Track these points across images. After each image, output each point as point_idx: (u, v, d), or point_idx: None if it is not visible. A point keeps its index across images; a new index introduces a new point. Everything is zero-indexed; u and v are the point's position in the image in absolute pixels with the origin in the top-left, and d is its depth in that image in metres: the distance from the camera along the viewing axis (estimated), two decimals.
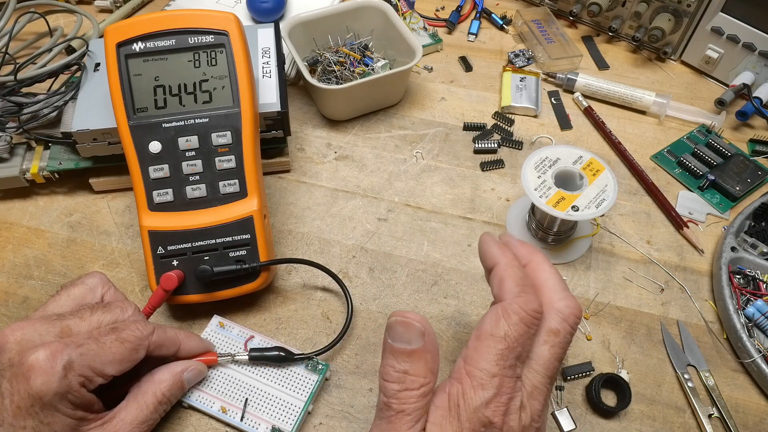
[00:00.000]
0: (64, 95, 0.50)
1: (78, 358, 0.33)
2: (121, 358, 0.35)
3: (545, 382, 0.32)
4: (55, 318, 0.36)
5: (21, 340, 0.34)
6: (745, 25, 0.61)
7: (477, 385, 0.31)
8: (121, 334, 0.36)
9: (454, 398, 0.31)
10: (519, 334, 0.31)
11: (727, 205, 0.55)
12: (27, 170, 0.51)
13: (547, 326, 0.33)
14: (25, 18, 0.60)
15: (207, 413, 0.41)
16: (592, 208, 0.46)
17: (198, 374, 0.40)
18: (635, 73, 0.68)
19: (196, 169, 0.44)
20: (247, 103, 0.44)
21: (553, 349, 0.32)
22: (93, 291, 0.40)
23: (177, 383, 0.39)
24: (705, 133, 0.61)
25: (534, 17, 0.71)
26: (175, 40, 0.43)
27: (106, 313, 0.37)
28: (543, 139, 0.61)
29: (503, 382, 0.31)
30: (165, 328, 0.39)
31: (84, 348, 0.34)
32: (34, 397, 0.32)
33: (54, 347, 0.33)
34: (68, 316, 0.36)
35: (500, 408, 0.30)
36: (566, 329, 0.33)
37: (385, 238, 0.52)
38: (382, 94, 0.60)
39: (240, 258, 0.44)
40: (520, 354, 0.31)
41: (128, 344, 0.36)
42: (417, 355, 0.32)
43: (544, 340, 0.32)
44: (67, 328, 0.35)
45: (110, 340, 0.35)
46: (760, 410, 0.44)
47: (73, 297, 0.39)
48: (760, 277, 0.49)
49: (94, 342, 0.35)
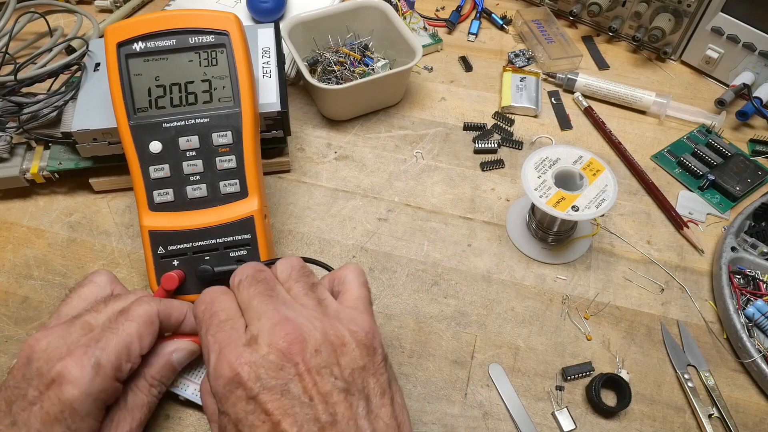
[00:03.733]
0: (64, 95, 0.50)
1: (102, 354, 0.34)
2: (139, 335, 0.36)
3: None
4: (73, 318, 0.36)
5: (47, 348, 0.34)
6: (745, 25, 0.61)
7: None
8: (130, 313, 0.36)
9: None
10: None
11: (727, 205, 0.55)
12: (27, 170, 0.51)
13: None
14: (25, 18, 0.60)
15: None
16: (592, 208, 0.46)
17: (189, 354, 0.40)
18: (635, 73, 0.68)
19: (197, 169, 0.44)
20: (247, 103, 0.44)
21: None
22: (103, 288, 0.40)
23: (167, 365, 0.39)
24: (705, 133, 0.61)
25: (534, 17, 0.71)
26: (176, 40, 0.43)
27: (119, 301, 0.38)
28: (543, 139, 0.61)
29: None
30: (170, 300, 0.39)
31: (103, 341, 0.34)
32: (65, 404, 0.32)
33: (79, 352, 0.33)
34: (84, 313, 0.37)
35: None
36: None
37: (385, 238, 0.52)
38: (382, 94, 0.60)
39: (240, 258, 0.44)
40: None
41: (140, 319, 0.36)
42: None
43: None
44: (86, 323, 0.36)
45: (122, 322, 0.36)
46: (760, 410, 0.44)
47: (84, 297, 0.39)
48: (760, 277, 0.49)
49: (109, 332, 0.35)
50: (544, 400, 0.43)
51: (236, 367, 0.31)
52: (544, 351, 0.46)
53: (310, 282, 0.37)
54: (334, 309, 0.36)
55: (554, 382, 0.44)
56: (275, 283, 0.36)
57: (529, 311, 0.48)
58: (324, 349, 0.32)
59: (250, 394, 0.31)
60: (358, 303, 0.37)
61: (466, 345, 0.46)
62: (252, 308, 0.34)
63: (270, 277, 0.37)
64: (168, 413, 0.41)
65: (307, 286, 0.37)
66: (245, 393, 0.31)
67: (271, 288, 0.35)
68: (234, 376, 0.31)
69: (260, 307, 0.34)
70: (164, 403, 0.41)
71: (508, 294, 0.49)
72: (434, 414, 0.42)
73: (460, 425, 0.42)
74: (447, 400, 0.43)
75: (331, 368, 0.32)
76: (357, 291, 0.37)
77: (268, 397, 0.31)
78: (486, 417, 0.42)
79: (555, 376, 0.45)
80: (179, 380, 0.41)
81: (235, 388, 0.31)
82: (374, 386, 0.33)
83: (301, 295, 0.36)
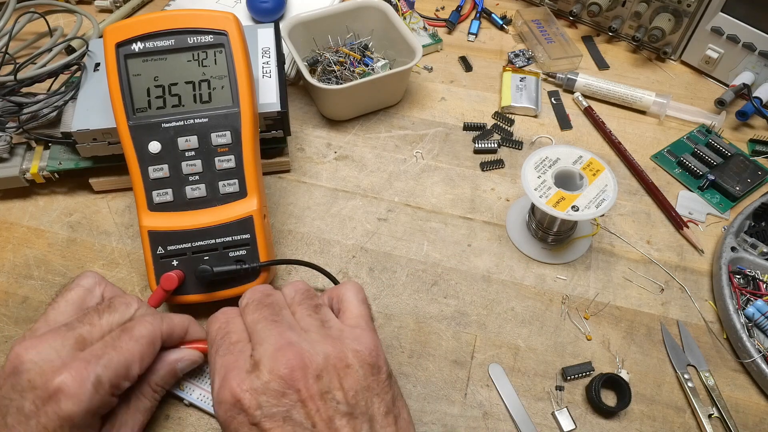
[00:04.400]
0: (64, 95, 0.50)
1: (103, 371, 0.33)
2: (141, 356, 0.35)
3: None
4: (64, 329, 0.35)
5: (38, 360, 0.33)
6: (745, 25, 0.61)
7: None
8: (134, 332, 0.36)
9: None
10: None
11: (727, 205, 0.55)
12: (27, 170, 0.51)
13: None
14: (25, 18, 0.60)
15: (208, 412, 0.41)
16: (592, 208, 0.46)
17: (192, 363, 0.40)
18: (635, 73, 0.68)
19: (196, 169, 0.44)
20: (246, 103, 0.44)
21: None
22: (91, 292, 0.39)
23: (170, 372, 0.39)
24: (705, 133, 0.61)
25: (534, 17, 0.71)
26: (175, 40, 0.43)
27: (114, 313, 0.37)
28: (543, 139, 0.61)
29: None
30: (170, 316, 0.39)
31: (105, 359, 0.34)
32: (64, 419, 0.32)
33: (79, 367, 0.33)
34: (77, 324, 0.35)
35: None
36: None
37: (385, 238, 0.52)
38: (382, 94, 0.60)
39: (240, 258, 0.44)
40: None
41: (144, 340, 0.36)
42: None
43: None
44: (80, 338, 0.35)
45: (125, 341, 0.35)
46: (760, 410, 0.44)
47: (72, 301, 0.38)
48: (760, 277, 0.49)
49: (111, 349, 0.34)
50: (544, 400, 0.43)
51: (238, 394, 0.32)
52: (544, 351, 0.46)
53: (313, 304, 0.37)
54: (337, 329, 0.36)
55: (554, 382, 0.44)
56: (281, 307, 0.37)
57: (529, 311, 0.48)
58: (326, 374, 0.33)
59: (252, 420, 0.31)
60: (360, 321, 0.37)
61: (466, 345, 0.46)
62: (257, 332, 0.35)
63: (276, 301, 0.37)
64: (168, 413, 0.41)
65: (310, 308, 0.37)
66: (247, 419, 0.31)
67: (276, 312, 0.36)
68: (236, 402, 0.32)
69: (264, 331, 0.34)
70: (164, 403, 0.41)
71: (508, 294, 0.49)
72: (434, 414, 0.42)
73: (460, 425, 0.42)
74: (447, 400, 0.43)
75: (334, 392, 0.32)
76: (357, 309, 0.38)
77: (271, 424, 0.31)
78: (486, 417, 0.42)
79: (555, 376, 0.45)
80: (185, 384, 0.41)
81: (236, 414, 0.32)
82: (378, 406, 0.33)
83: (305, 316, 0.36)
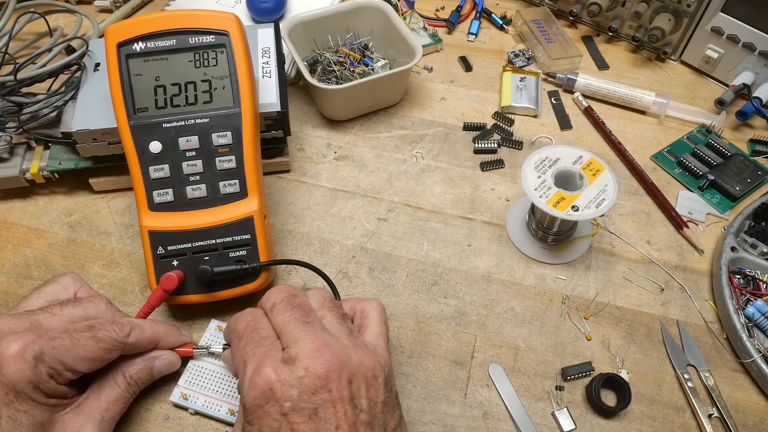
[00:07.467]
0: (64, 95, 0.50)
1: (50, 350, 0.34)
2: (93, 357, 0.35)
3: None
4: (24, 313, 0.36)
5: None
6: (745, 25, 0.61)
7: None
8: (97, 333, 0.36)
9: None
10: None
11: (727, 205, 0.55)
12: (27, 170, 0.51)
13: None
14: (25, 18, 0.60)
15: (215, 417, 0.41)
16: (592, 208, 0.46)
17: (170, 365, 0.40)
18: (635, 73, 0.68)
19: (197, 169, 0.44)
20: (247, 103, 0.44)
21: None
22: (65, 288, 0.40)
23: (147, 369, 0.39)
24: (705, 133, 0.61)
25: (534, 17, 0.71)
26: (176, 40, 0.43)
27: (77, 308, 0.38)
28: (543, 139, 0.61)
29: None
30: (143, 328, 0.39)
31: (57, 342, 0.34)
32: (8, 386, 0.32)
33: (26, 337, 0.33)
34: (38, 311, 0.37)
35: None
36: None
37: (385, 238, 0.52)
38: (382, 94, 0.60)
39: (240, 258, 0.44)
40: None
41: (103, 344, 0.36)
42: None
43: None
44: (36, 322, 0.36)
45: (85, 337, 0.35)
46: (760, 410, 0.44)
47: (45, 295, 0.39)
48: (760, 277, 0.49)
49: (68, 338, 0.35)
50: (544, 400, 0.43)
51: (273, 382, 0.32)
52: (544, 351, 0.46)
53: (341, 313, 0.38)
54: (362, 341, 0.36)
55: (554, 382, 0.44)
56: (310, 309, 0.37)
57: (529, 311, 0.48)
58: (356, 380, 0.33)
59: (281, 410, 0.31)
60: (380, 340, 0.37)
61: (466, 345, 0.46)
62: (288, 332, 0.35)
63: (304, 303, 0.37)
64: (168, 414, 0.41)
65: (339, 315, 0.37)
66: (276, 408, 0.31)
67: (306, 314, 0.36)
68: (268, 390, 0.32)
69: (297, 331, 0.34)
70: (164, 403, 0.41)
71: (508, 294, 0.49)
72: (434, 414, 0.42)
73: (460, 425, 0.42)
74: (447, 400, 0.43)
75: (359, 400, 0.33)
76: (378, 328, 0.38)
77: (297, 418, 0.31)
78: (486, 417, 0.42)
79: (555, 376, 0.45)
80: (187, 393, 0.41)
81: (265, 402, 0.32)
82: (389, 421, 0.34)
83: (335, 323, 0.36)
